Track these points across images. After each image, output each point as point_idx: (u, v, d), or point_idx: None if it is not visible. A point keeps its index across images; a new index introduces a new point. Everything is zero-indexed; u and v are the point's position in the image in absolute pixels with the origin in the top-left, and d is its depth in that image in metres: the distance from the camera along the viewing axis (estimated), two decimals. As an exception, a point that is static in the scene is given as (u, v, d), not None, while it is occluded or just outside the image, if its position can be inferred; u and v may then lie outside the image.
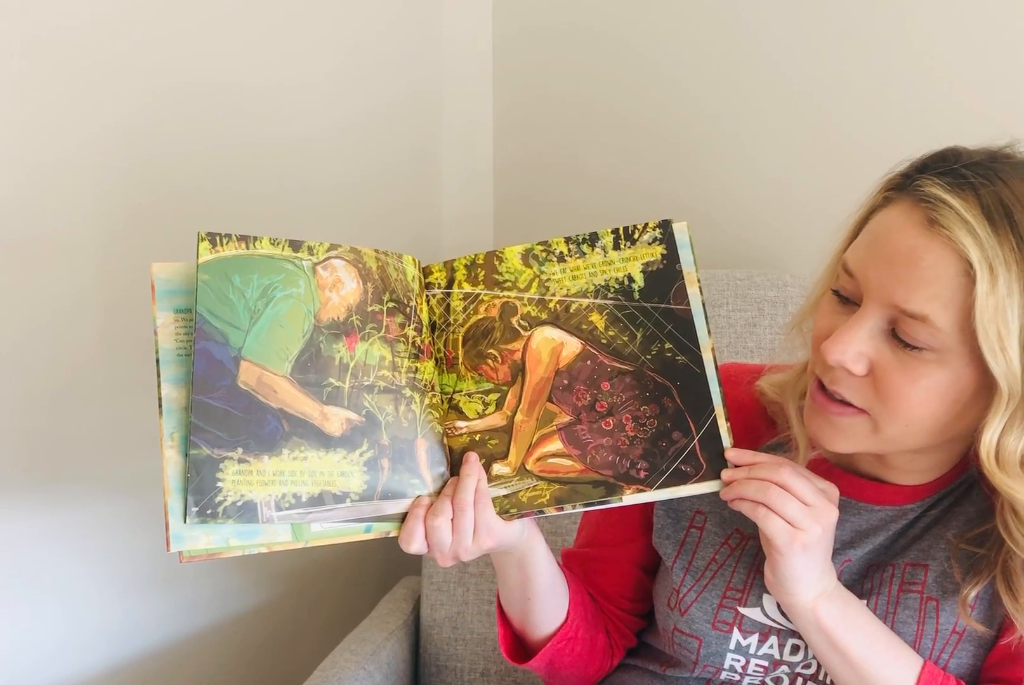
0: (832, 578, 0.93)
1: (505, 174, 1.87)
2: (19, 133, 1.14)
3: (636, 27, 1.69)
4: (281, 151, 1.49)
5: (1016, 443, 0.84)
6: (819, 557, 0.90)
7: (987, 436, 0.84)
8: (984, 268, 0.80)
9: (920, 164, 0.88)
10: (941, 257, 0.81)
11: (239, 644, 1.56)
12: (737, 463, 0.90)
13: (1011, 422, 0.84)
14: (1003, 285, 0.80)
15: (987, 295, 0.80)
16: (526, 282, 0.95)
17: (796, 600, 0.92)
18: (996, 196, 0.82)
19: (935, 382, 0.84)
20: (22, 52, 1.13)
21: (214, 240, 0.87)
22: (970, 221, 0.81)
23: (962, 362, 0.83)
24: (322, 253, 0.91)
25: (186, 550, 0.82)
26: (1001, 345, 0.80)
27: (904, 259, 0.83)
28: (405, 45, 1.73)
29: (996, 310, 0.80)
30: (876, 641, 0.93)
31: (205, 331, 0.85)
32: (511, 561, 0.98)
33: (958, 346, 0.82)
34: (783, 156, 1.60)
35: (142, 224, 1.28)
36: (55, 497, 1.26)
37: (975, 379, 0.84)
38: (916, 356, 0.84)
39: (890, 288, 0.84)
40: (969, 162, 0.85)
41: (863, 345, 0.85)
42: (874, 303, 0.85)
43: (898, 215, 0.85)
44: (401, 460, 0.90)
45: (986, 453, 0.85)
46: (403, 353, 0.92)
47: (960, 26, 1.44)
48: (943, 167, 0.85)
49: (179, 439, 0.84)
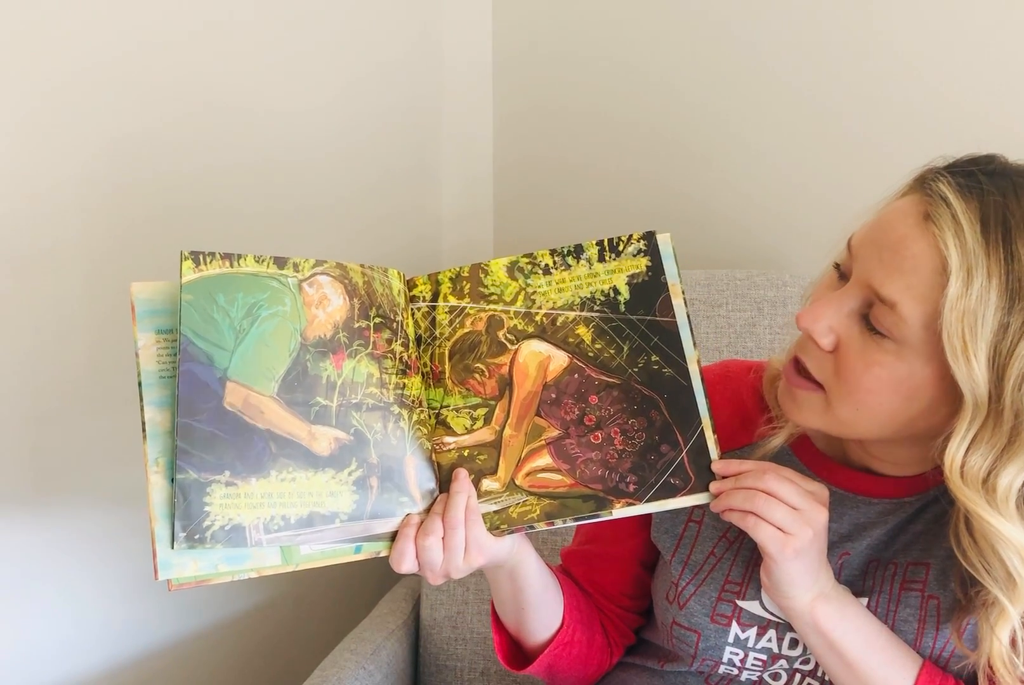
0: (829, 579, 0.93)
1: (505, 177, 1.86)
2: (5, 149, 1.14)
3: (635, 29, 1.68)
4: (280, 156, 1.48)
5: (981, 461, 0.84)
6: (813, 560, 0.91)
7: (952, 447, 0.84)
8: (961, 271, 0.80)
9: (953, 162, 0.88)
10: (924, 251, 0.82)
11: (239, 644, 1.57)
12: (723, 474, 0.90)
13: (978, 438, 0.83)
14: (978, 291, 0.80)
15: (958, 298, 0.80)
16: (512, 295, 0.95)
17: (793, 603, 0.92)
18: (1001, 208, 0.82)
19: (889, 372, 0.85)
20: (11, 67, 1.12)
21: (197, 259, 0.86)
22: (962, 224, 0.81)
23: (921, 360, 0.84)
24: (308, 269, 0.90)
25: (174, 578, 0.81)
26: (964, 351, 0.80)
27: (891, 245, 0.84)
28: (406, 51, 1.73)
29: (965, 315, 0.80)
30: (874, 642, 0.93)
31: (190, 352, 0.84)
32: (502, 573, 0.98)
33: (920, 344, 0.83)
34: (783, 156, 1.60)
35: (130, 239, 1.28)
36: (57, 508, 1.26)
37: (934, 382, 0.84)
38: (877, 342, 0.85)
39: (872, 269, 0.85)
40: (994, 171, 0.85)
41: (835, 320, 0.87)
42: (856, 282, 0.87)
43: (904, 204, 0.87)
44: (390, 478, 0.89)
45: (949, 464, 0.85)
46: (390, 369, 0.92)
47: (964, 27, 1.43)
48: (967, 169, 0.86)
49: (164, 464, 0.83)
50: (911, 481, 0.98)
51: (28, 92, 1.15)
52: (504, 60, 1.81)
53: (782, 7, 1.56)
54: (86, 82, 1.20)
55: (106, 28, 1.21)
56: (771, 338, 1.45)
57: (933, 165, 0.89)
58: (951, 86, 1.44)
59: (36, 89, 1.15)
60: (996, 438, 0.83)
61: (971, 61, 1.43)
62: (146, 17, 1.26)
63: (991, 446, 0.83)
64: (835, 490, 0.99)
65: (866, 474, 0.99)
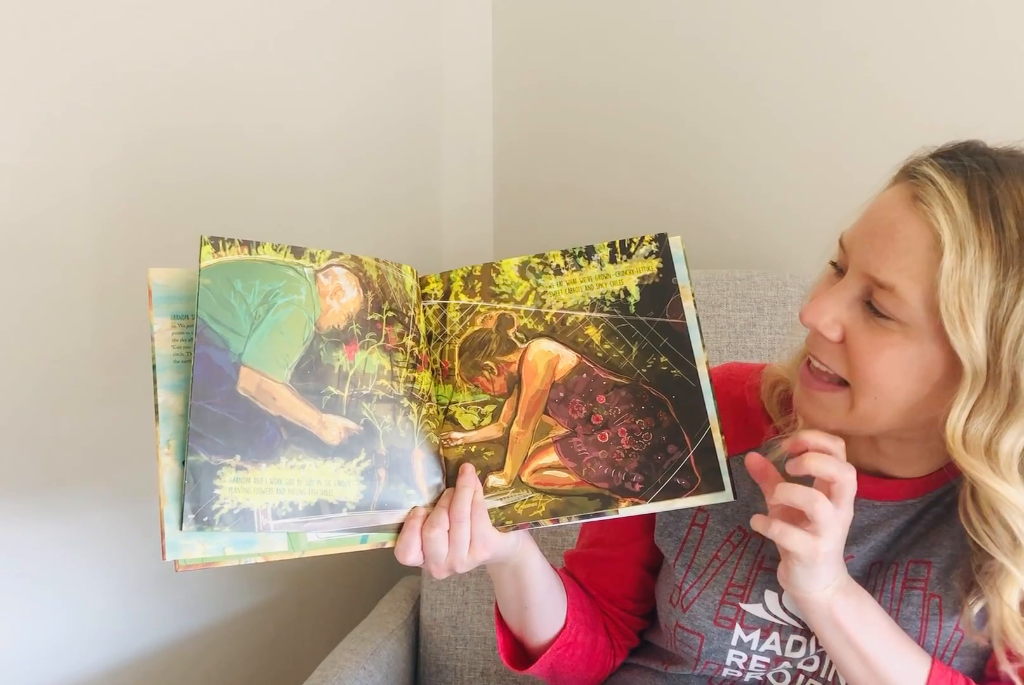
0: (845, 573, 0.93)
1: (505, 177, 1.87)
2: (15, 137, 1.14)
3: (637, 30, 1.69)
4: (281, 147, 1.49)
5: (982, 427, 0.85)
6: (834, 558, 0.90)
7: (953, 415, 0.85)
8: (954, 244, 0.81)
9: (935, 150, 0.90)
10: (916, 230, 0.84)
11: (239, 644, 1.57)
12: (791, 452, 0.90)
13: (979, 405, 0.84)
14: (971, 262, 0.81)
15: (953, 270, 0.81)
16: (523, 294, 0.96)
17: (812, 597, 0.91)
18: (986, 183, 0.83)
19: (899, 353, 0.85)
20: (18, 56, 1.13)
21: (217, 244, 0.87)
22: (950, 199, 0.83)
23: (927, 338, 0.84)
24: (323, 260, 0.91)
25: (182, 559, 0.81)
26: (963, 322, 0.81)
27: (883, 231, 0.86)
28: (407, 53, 1.74)
29: (960, 286, 0.81)
30: (889, 637, 0.93)
31: (206, 336, 0.85)
32: (506, 572, 0.99)
33: (924, 322, 0.84)
34: (783, 157, 1.61)
35: (139, 230, 1.28)
36: (58, 503, 1.26)
37: (942, 358, 0.85)
38: (884, 325, 0.86)
39: (867, 258, 0.86)
40: (974, 152, 0.87)
41: (839, 311, 0.88)
42: (853, 273, 0.88)
43: (891, 193, 0.88)
44: (398, 470, 0.90)
45: (951, 432, 0.85)
46: (401, 363, 0.93)
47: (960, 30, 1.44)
48: (949, 152, 0.88)
49: (175, 446, 0.84)
50: (917, 483, 0.98)
51: (42, 89, 1.16)
52: (505, 60, 1.82)
53: (781, 12, 1.57)
54: (99, 79, 1.21)
55: (122, 27, 1.23)
56: (771, 338, 1.45)
57: (916, 155, 0.91)
58: (951, 87, 1.45)
59: (50, 86, 1.16)
60: (995, 404, 0.84)
61: (972, 62, 1.44)
62: (161, 16, 1.28)
63: (991, 412, 0.84)
64: None
65: (873, 477, 0.99)
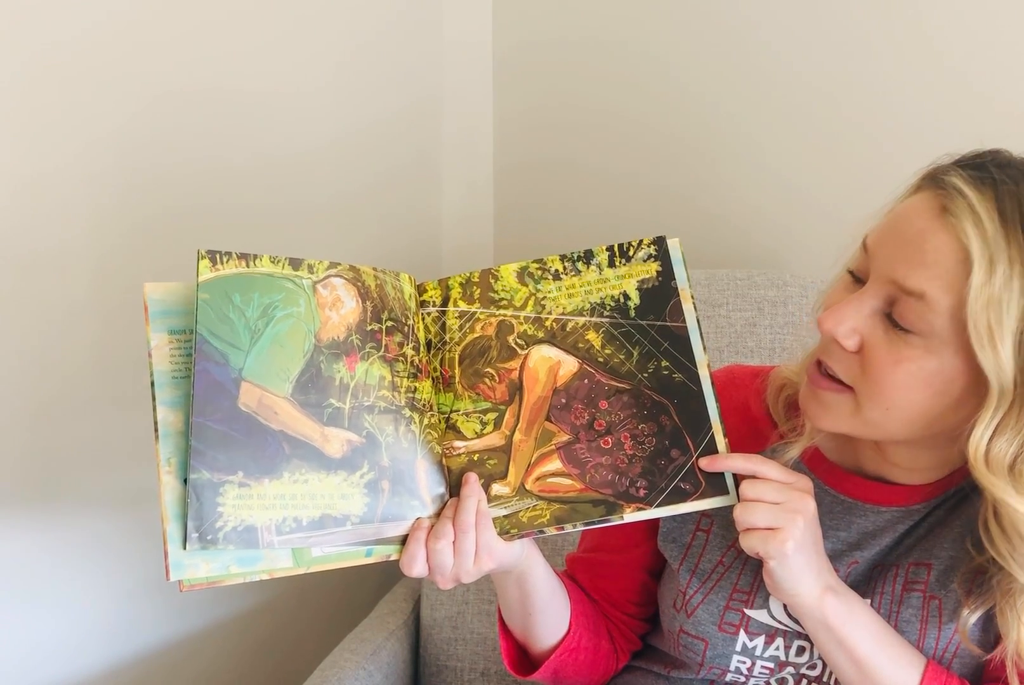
0: (832, 573, 0.93)
1: (505, 179, 1.86)
2: (12, 144, 1.13)
3: (637, 29, 1.68)
4: (282, 157, 1.48)
5: (1007, 447, 0.84)
6: (811, 552, 0.90)
7: (977, 434, 0.84)
8: (984, 260, 0.81)
9: (959, 158, 0.89)
10: (945, 243, 0.83)
11: (239, 644, 1.57)
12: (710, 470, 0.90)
13: (1004, 424, 0.84)
14: (1001, 279, 0.80)
15: (982, 286, 0.81)
16: (522, 300, 0.95)
17: (801, 600, 0.91)
18: (1015, 196, 0.83)
19: (919, 367, 0.85)
20: (15, 62, 1.12)
21: (214, 258, 0.86)
22: (980, 213, 0.82)
23: (950, 352, 0.84)
24: (322, 271, 0.90)
25: (186, 579, 0.81)
26: (991, 339, 0.81)
27: (911, 240, 0.85)
28: (406, 51, 1.73)
29: (989, 302, 0.81)
30: (881, 639, 0.93)
31: (205, 351, 0.84)
32: (510, 579, 0.98)
33: (948, 335, 0.83)
34: (783, 156, 1.60)
35: (137, 237, 1.27)
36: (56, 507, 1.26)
37: (964, 373, 0.84)
38: (904, 338, 0.85)
39: (893, 265, 0.85)
40: (1002, 163, 0.86)
41: (858, 321, 0.87)
42: (877, 280, 0.87)
43: (918, 201, 0.87)
44: (401, 481, 0.89)
45: (974, 451, 0.85)
46: (402, 372, 0.92)
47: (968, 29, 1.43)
48: (976, 162, 0.87)
49: (176, 464, 0.83)
50: (922, 489, 0.98)
51: (35, 91, 1.14)
52: (505, 62, 1.81)
53: (781, 10, 1.56)
54: (95, 75, 1.20)
55: (115, 26, 1.21)
56: (771, 338, 1.45)
57: (940, 163, 0.90)
58: (951, 88, 1.44)
59: (43, 88, 1.15)
60: (1021, 423, 0.83)
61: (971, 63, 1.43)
62: (156, 14, 1.26)
63: (1016, 431, 0.84)
64: (844, 499, 0.99)
65: (878, 483, 0.99)
